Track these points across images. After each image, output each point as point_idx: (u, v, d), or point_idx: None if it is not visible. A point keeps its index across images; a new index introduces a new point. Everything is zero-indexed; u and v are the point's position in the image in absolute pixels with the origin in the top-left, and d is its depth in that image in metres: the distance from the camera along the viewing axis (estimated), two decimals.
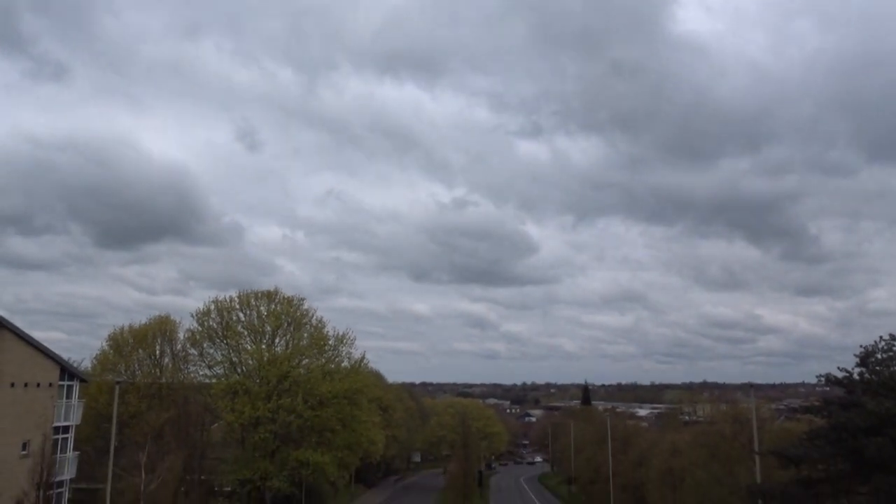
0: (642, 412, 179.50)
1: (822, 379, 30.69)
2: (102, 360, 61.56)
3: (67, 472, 43.42)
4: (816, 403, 31.86)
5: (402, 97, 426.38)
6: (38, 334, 41.57)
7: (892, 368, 28.12)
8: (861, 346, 29.67)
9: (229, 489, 58.10)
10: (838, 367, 30.01)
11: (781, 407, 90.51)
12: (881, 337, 29.20)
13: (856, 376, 29.31)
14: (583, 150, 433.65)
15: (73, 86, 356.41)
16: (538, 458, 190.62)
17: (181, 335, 62.81)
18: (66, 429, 43.87)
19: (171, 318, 64.06)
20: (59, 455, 41.78)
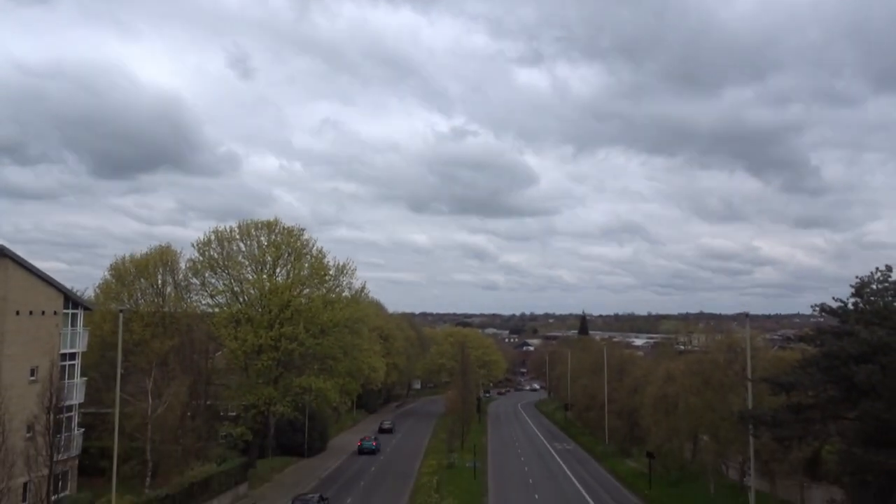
0: (638, 342, 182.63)
1: (817, 309, 31.12)
2: (105, 290, 62.13)
3: (76, 397, 44.47)
4: (810, 333, 32.39)
5: (398, 22, 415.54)
6: (39, 264, 41.84)
7: (886, 299, 28.45)
8: (857, 278, 29.99)
9: (234, 414, 59.66)
10: (833, 298, 30.44)
11: (776, 337, 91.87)
12: (877, 268, 29.49)
13: (850, 307, 29.71)
14: (584, 79, 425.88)
15: (58, 9, 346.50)
16: (535, 386, 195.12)
17: (182, 265, 63.24)
18: (72, 356, 44.68)
19: (172, 248, 64.37)
20: (66, 381, 42.64)
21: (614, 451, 75.65)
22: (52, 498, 37.98)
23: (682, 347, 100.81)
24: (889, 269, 29.21)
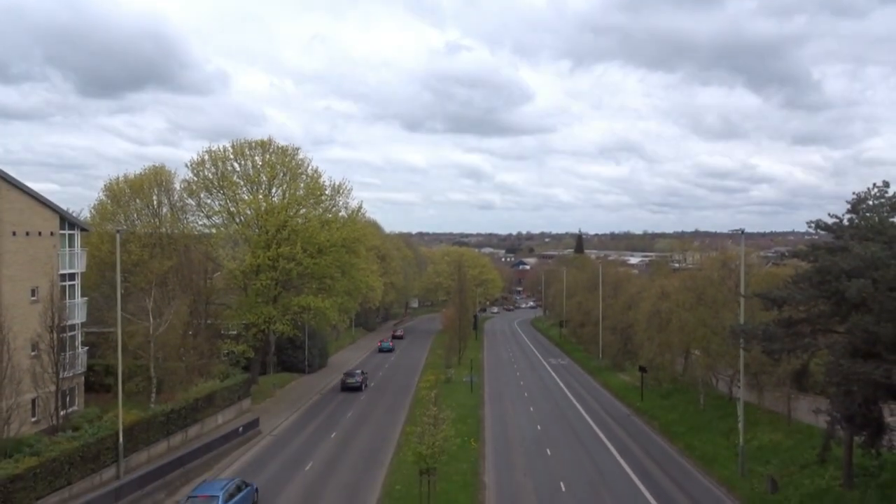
0: (634, 260, 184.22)
1: (812, 226, 31.19)
2: (101, 211, 61.99)
3: (78, 317, 45.04)
4: (804, 249, 32.61)
5: None
6: (32, 185, 41.45)
7: (882, 214, 28.50)
8: (854, 194, 29.92)
9: (235, 332, 60.68)
10: (829, 215, 30.45)
11: (770, 254, 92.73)
12: (874, 184, 29.39)
13: (845, 222, 29.78)
14: None
15: None
16: (531, 304, 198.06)
17: (177, 186, 62.89)
18: (71, 276, 44.98)
19: (166, 168, 63.86)
20: (67, 301, 43.10)
21: (608, 365, 77.58)
22: (61, 413, 39.06)
23: (676, 265, 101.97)
24: (886, 184, 29.14)
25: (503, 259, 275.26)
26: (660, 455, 42.62)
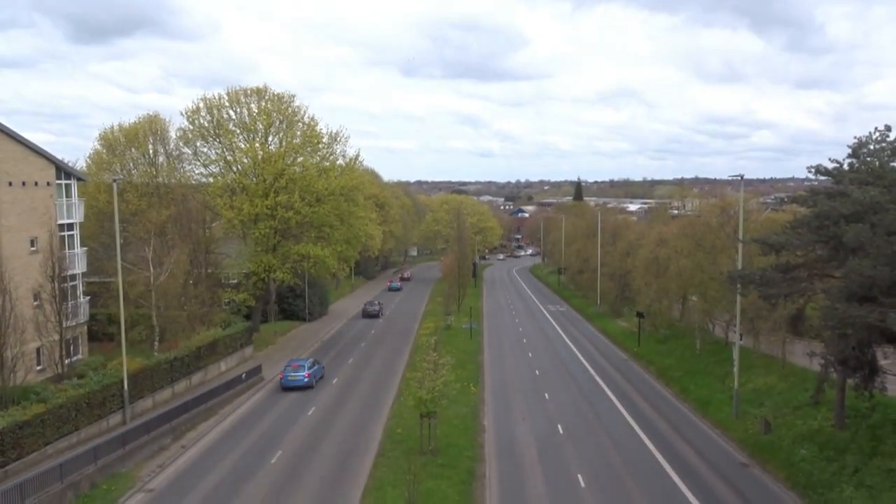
0: (633, 207, 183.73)
1: (813, 171, 31.03)
2: (96, 161, 61.56)
3: (78, 267, 45.19)
4: (803, 194, 32.53)
5: None
6: (25, 135, 41.04)
7: (882, 158, 28.34)
8: (855, 138, 29.69)
9: (236, 281, 60.96)
10: (829, 159, 30.27)
11: (769, 200, 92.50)
12: (875, 128, 29.12)
13: (845, 167, 29.64)
14: None
15: None
16: (530, 252, 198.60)
17: (173, 134, 62.30)
18: (70, 226, 44.94)
19: (161, 116, 63.13)
20: (67, 251, 43.19)
21: (605, 311, 78.29)
22: (65, 362, 39.57)
23: (675, 212, 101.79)
24: (888, 128, 28.86)
25: (502, 207, 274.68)
26: (656, 399, 43.40)
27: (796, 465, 28.70)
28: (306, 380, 44.46)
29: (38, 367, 39.94)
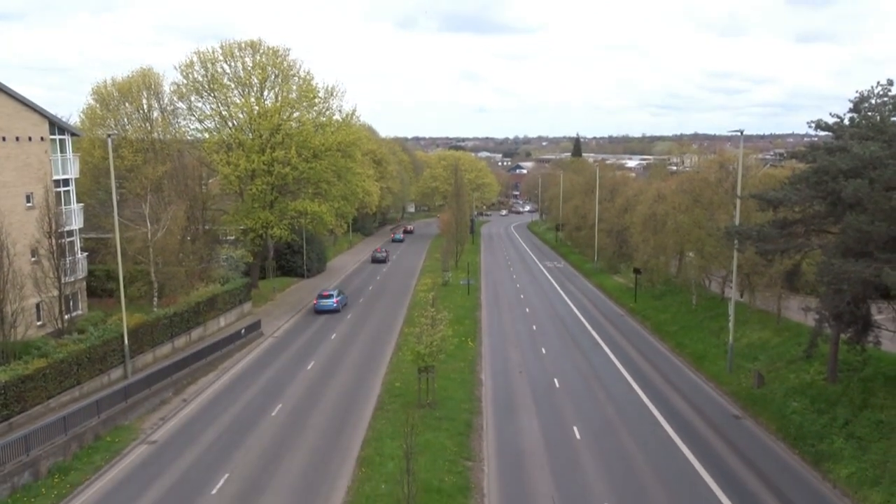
0: (631, 163, 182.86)
1: (813, 126, 30.78)
2: (90, 116, 60.91)
3: (75, 223, 45.08)
4: (802, 150, 32.35)
5: None
6: (16, 90, 40.42)
7: (884, 113, 28.10)
8: (856, 92, 29.38)
9: (233, 238, 60.94)
10: (830, 114, 30.01)
11: (768, 156, 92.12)
12: (878, 82, 28.80)
13: (846, 122, 29.40)
14: None
15: None
16: (528, 208, 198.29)
17: (167, 89, 61.52)
18: (66, 182, 44.68)
19: (154, 71, 62.26)
20: (63, 207, 43.03)
21: (602, 268, 78.60)
22: (65, 317, 39.78)
23: (674, 168, 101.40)
24: (890, 82, 28.51)
25: (500, 163, 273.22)
26: (651, 353, 43.91)
27: (788, 417, 29.21)
28: (335, 305, 55.77)
29: (39, 323, 40.18)
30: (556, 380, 37.32)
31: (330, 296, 56.29)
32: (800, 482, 24.73)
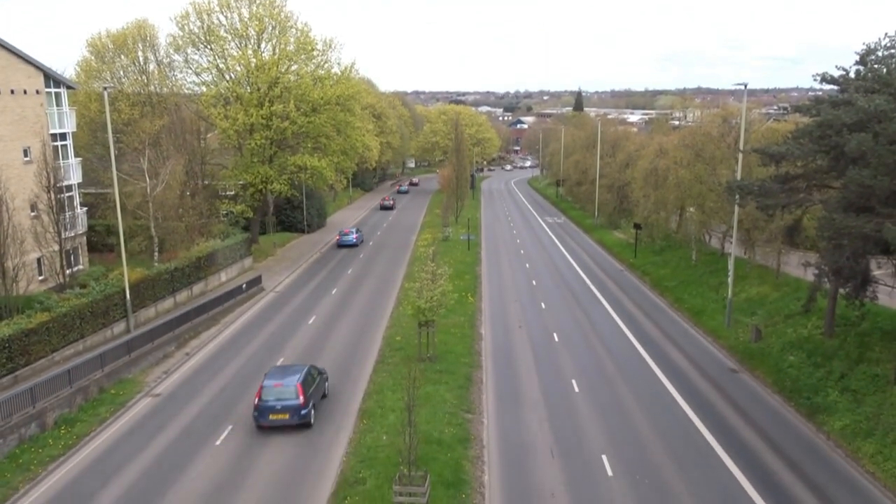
0: (633, 118, 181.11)
1: (818, 78, 30.35)
2: (86, 69, 60.10)
3: (73, 177, 44.86)
4: (807, 103, 31.97)
5: None
6: (10, 41, 39.79)
7: (891, 66, 27.67)
8: (863, 44, 28.88)
9: (233, 193, 60.72)
10: (836, 67, 29.55)
11: (772, 111, 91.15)
12: (885, 34, 28.33)
13: (852, 75, 28.97)
14: None
15: None
16: (528, 164, 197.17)
17: (163, 41, 60.55)
18: (63, 136, 44.31)
19: (150, 22, 61.17)
20: (61, 161, 42.77)
21: (603, 223, 78.52)
22: (67, 272, 39.93)
23: (676, 123, 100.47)
24: None
25: (500, 118, 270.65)
26: (650, 308, 44.19)
27: (784, 370, 29.54)
28: (354, 240, 66.06)
29: (40, 278, 40.34)
30: (555, 334, 37.65)
31: (350, 232, 66.77)
32: (794, 434, 25.15)
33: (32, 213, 39.70)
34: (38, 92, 41.48)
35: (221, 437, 24.77)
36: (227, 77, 58.27)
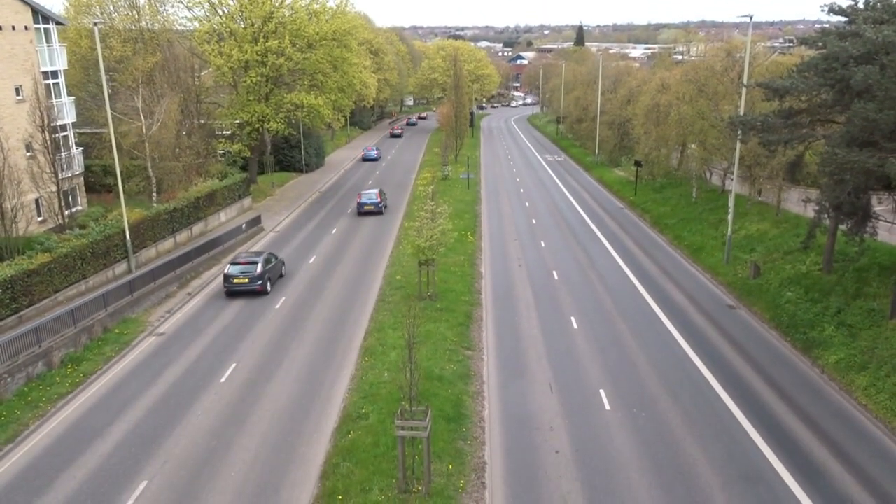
0: (636, 53, 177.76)
1: (825, 9, 29.58)
2: (75, 4, 58.44)
3: (67, 116, 44.24)
4: (813, 35, 31.24)
5: None
6: None
7: None
8: None
9: (229, 132, 60.04)
10: None
11: (777, 44, 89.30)
12: None
13: (860, 5, 28.23)
14: None
15: None
16: (528, 100, 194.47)
17: None
18: (54, 74, 43.47)
19: None
20: (54, 100, 42.08)
21: (603, 161, 77.96)
22: (66, 213, 39.82)
23: (679, 57, 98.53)
24: None
25: (500, 54, 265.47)
26: (650, 246, 44.28)
27: (781, 306, 29.81)
28: (376, 155, 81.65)
29: (40, 219, 40.27)
30: (554, 272, 37.83)
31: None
32: (789, 368, 25.55)
33: (28, 154, 39.32)
34: (26, 28, 40.50)
35: (226, 375, 25.19)
36: (220, 11, 56.82)
